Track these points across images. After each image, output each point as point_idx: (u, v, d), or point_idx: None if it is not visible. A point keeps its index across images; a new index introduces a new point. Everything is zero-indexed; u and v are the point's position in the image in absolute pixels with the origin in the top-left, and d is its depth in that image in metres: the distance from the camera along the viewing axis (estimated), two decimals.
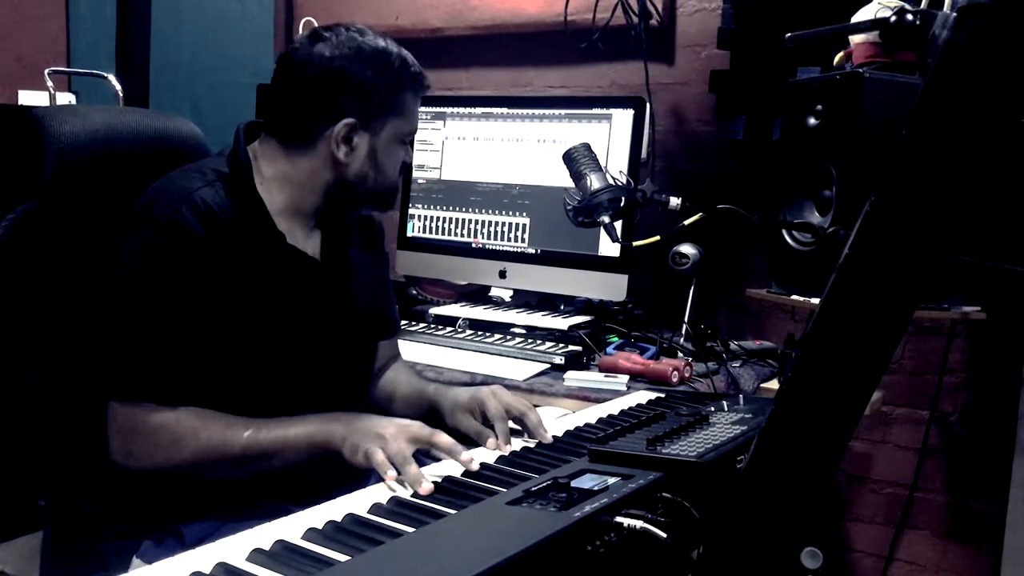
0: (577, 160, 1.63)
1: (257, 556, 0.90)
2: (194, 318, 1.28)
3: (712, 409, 1.40)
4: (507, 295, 2.40)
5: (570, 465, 1.16)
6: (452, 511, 1.03)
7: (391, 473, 1.12)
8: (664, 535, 0.97)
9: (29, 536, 2.61)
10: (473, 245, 2.34)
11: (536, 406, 1.76)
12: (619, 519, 0.99)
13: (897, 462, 2.31)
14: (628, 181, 1.64)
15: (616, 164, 2.10)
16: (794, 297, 1.92)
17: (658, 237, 1.61)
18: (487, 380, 1.83)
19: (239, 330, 1.32)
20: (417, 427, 1.21)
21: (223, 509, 1.28)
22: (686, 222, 1.62)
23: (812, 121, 1.84)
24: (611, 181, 1.62)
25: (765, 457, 0.89)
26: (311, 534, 0.96)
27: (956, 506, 2.26)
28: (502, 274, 2.30)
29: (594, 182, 1.61)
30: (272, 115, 1.42)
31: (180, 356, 1.27)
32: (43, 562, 1.42)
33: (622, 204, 1.63)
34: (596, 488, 1.04)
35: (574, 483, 1.05)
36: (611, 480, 1.07)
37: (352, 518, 1.01)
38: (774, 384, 1.94)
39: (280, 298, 1.38)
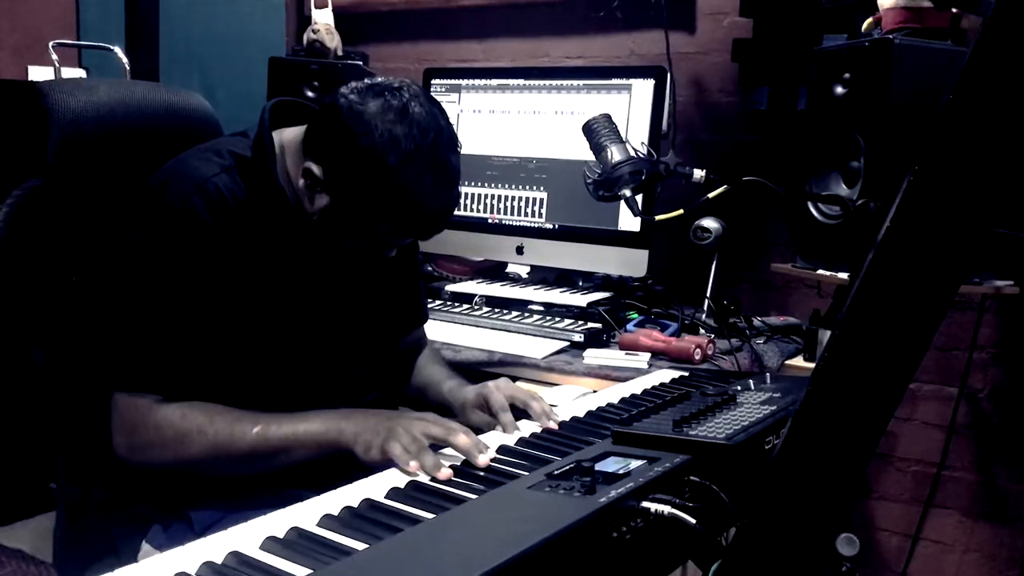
0: (597, 131, 1.58)
1: (271, 544, 0.87)
2: (203, 310, 1.24)
3: (739, 388, 1.36)
4: (524, 271, 2.35)
5: (593, 447, 1.13)
6: (472, 496, 1.00)
7: (413, 464, 1.08)
8: (693, 521, 0.93)
9: (44, 516, 2.61)
10: (489, 221, 2.29)
11: (555, 385, 1.74)
12: (646, 504, 0.95)
13: (924, 440, 2.27)
14: (650, 153, 1.59)
15: (636, 136, 2.04)
16: (820, 272, 1.88)
17: (681, 211, 1.56)
18: (505, 358, 1.80)
19: (251, 322, 1.29)
20: (432, 421, 1.17)
21: (232, 495, 1.25)
22: (710, 195, 1.57)
23: (839, 90, 1.78)
24: (632, 153, 1.57)
25: (800, 441, 0.84)
26: (327, 521, 0.93)
27: (985, 485, 2.21)
28: (519, 250, 2.26)
29: (615, 154, 1.56)
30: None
31: (187, 348, 1.23)
32: (56, 544, 1.40)
33: (644, 177, 1.58)
34: (621, 472, 1.00)
35: (598, 466, 1.02)
36: (636, 463, 1.04)
37: (369, 503, 0.98)
38: (799, 361, 1.90)
39: (299, 288, 1.34)
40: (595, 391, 1.64)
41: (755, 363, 1.86)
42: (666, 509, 0.94)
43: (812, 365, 1.84)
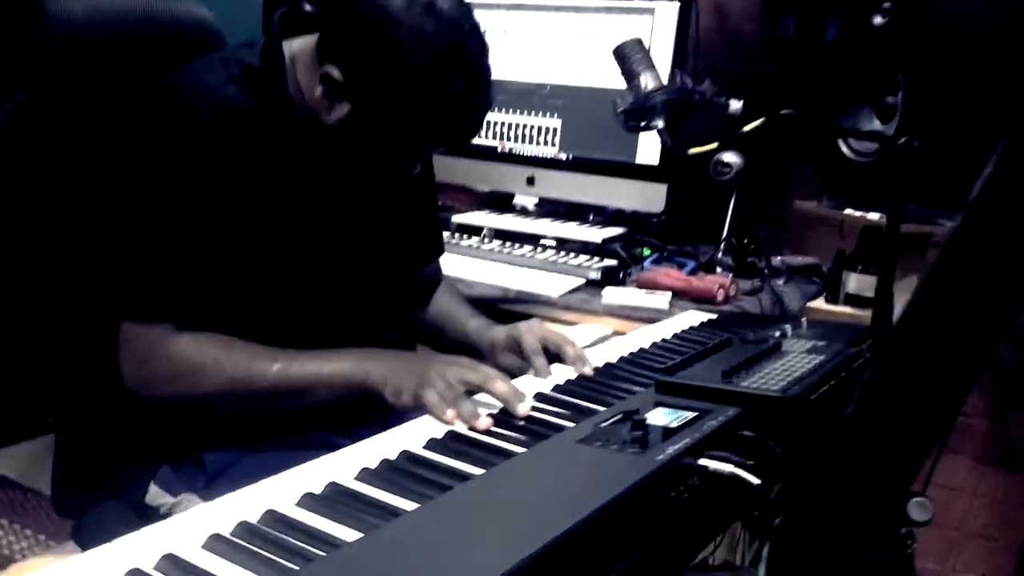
0: (629, 57, 1.48)
1: (309, 502, 0.80)
2: (212, 227, 1.15)
3: (777, 335, 1.29)
4: (531, 203, 2.26)
5: (636, 397, 1.07)
6: (519, 449, 0.93)
7: (450, 412, 1.01)
8: (757, 481, 0.87)
9: (31, 442, 2.54)
10: (499, 149, 2.19)
11: (572, 324, 1.67)
12: (703, 462, 0.89)
13: None
14: (685, 81, 1.50)
15: (658, 63, 1.94)
16: (847, 211, 1.81)
17: (716, 144, 1.47)
18: (520, 295, 1.73)
19: (263, 243, 1.19)
20: (466, 366, 1.09)
21: (248, 435, 1.18)
22: (746, 128, 1.47)
23: (878, 20, 1.69)
24: (665, 81, 1.48)
25: (876, 406, 0.78)
26: (365, 475, 0.86)
27: (997, 432, 2.19)
28: (530, 181, 2.16)
29: (649, 82, 1.46)
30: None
31: (198, 272, 1.14)
32: (53, 483, 1.33)
33: (678, 107, 1.49)
34: (673, 425, 0.94)
35: (648, 419, 0.95)
36: (687, 415, 0.97)
37: (407, 456, 0.91)
38: (820, 303, 1.84)
39: (313, 210, 1.25)
40: (613, 331, 1.57)
41: (776, 304, 1.80)
42: (727, 468, 0.88)
43: (834, 308, 1.78)
